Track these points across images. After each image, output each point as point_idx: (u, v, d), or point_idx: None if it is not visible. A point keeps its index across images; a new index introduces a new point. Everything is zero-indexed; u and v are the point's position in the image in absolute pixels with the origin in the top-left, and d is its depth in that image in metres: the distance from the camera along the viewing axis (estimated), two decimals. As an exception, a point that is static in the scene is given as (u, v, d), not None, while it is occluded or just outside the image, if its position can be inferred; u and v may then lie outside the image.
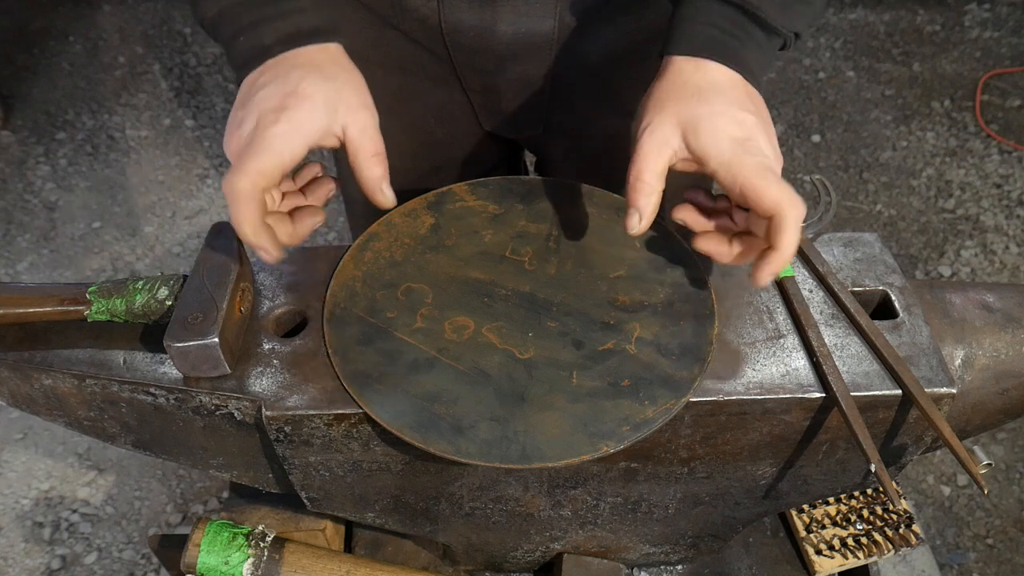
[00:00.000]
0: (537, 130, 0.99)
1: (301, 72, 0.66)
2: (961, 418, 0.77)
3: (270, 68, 0.67)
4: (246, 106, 0.65)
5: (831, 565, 0.90)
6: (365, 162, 0.67)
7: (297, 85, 0.64)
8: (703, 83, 0.67)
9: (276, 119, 0.63)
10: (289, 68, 0.66)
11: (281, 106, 0.64)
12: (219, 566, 0.74)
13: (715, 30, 0.69)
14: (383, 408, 0.65)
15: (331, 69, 0.68)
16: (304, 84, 0.64)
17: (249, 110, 0.64)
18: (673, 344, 0.69)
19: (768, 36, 0.70)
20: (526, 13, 0.84)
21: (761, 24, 0.69)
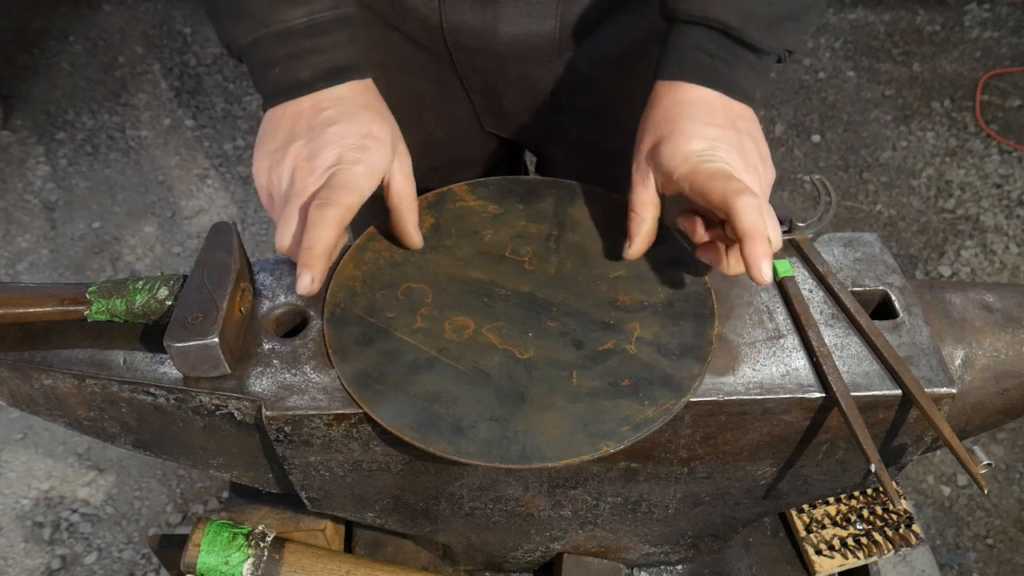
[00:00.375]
0: (538, 131, 0.99)
1: (369, 115, 0.69)
2: (961, 418, 0.77)
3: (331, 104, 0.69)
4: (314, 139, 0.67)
5: (831, 565, 0.90)
6: (408, 207, 0.73)
7: (370, 127, 0.68)
8: (674, 106, 0.70)
9: (358, 159, 0.66)
10: (353, 108, 0.69)
11: (361, 146, 0.67)
12: (219, 566, 0.74)
13: (701, 54, 0.70)
14: (383, 408, 0.65)
15: (384, 111, 0.72)
16: (375, 127, 0.69)
17: (323, 144, 0.67)
18: (673, 344, 0.69)
19: (759, 56, 0.71)
20: (527, 14, 0.84)
21: (748, 47, 0.69)
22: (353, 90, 0.70)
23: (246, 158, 2.45)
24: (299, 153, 0.67)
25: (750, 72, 0.71)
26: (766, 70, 0.72)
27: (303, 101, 0.69)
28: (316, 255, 0.63)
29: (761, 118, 1.37)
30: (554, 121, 0.97)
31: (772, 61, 0.72)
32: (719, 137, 0.68)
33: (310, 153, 0.67)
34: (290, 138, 0.68)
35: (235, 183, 2.38)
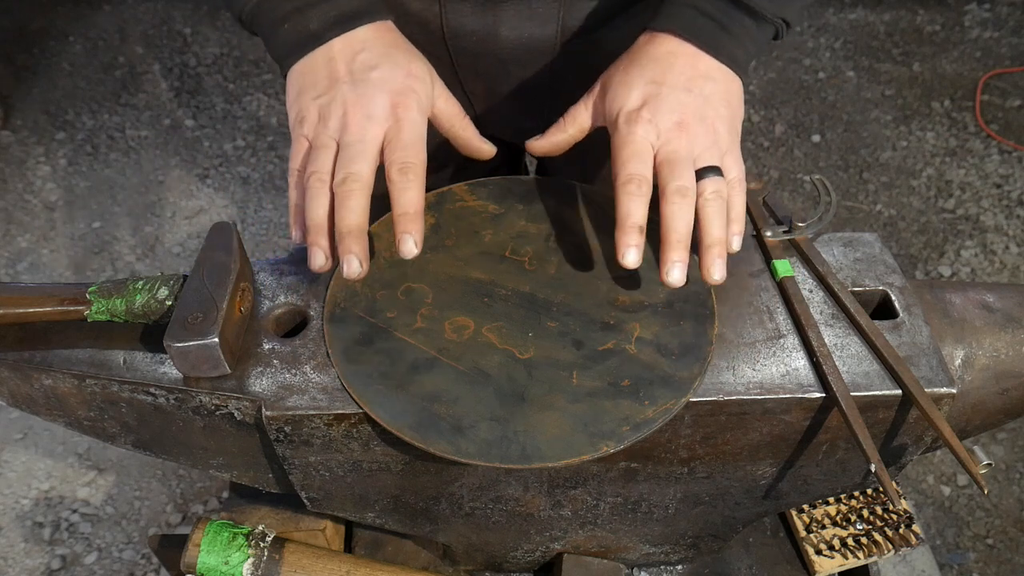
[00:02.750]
0: (539, 134, 0.99)
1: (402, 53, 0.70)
2: (961, 418, 0.77)
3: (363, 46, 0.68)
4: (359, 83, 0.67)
5: (831, 565, 0.90)
6: (461, 124, 0.74)
7: (409, 66, 0.69)
8: (643, 53, 0.71)
9: (408, 104, 0.67)
10: (386, 47, 0.69)
11: (407, 88, 0.68)
12: (219, 566, 0.74)
13: (694, 11, 0.71)
14: (383, 408, 0.65)
15: (411, 47, 0.72)
16: (413, 65, 0.69)
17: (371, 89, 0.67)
18: (673, 344, 0.69)
19: (758, 23, 0.71)
20: (529, 17, 0.84)
21: (746, 9, 0.70)
22: (378, 31, 0.70)
23: (246, 158, 2.45)
24: (348, 98, 0.67)
25: (744, 38, 0.71)
26: (762, 39, 0.72)
27: (332, 46, 0.68)
28: (412, 217, 0.65)
29: (761, 118, 1.39)
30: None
31: (769, 32, 0.72)
32: (654, 95, 0.68)
33: (359, 98, 0.66)
34: (333, 81, 0.67)
35: (235, 183, 2.38)
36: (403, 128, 0.66)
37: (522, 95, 0.93)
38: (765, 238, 0.79)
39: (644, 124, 0.68)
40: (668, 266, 0.65)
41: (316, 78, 0.69)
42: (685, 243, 0.66)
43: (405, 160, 0.65)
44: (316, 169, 0.66)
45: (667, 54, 0.70)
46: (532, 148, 0.77)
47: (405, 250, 0.64)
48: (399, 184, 0.65)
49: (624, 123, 0.69)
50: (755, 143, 2.45)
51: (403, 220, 0.64)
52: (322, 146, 0.66)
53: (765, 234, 0.79)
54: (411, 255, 0.65)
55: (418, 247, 0.65)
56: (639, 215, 0.66)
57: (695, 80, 0.69)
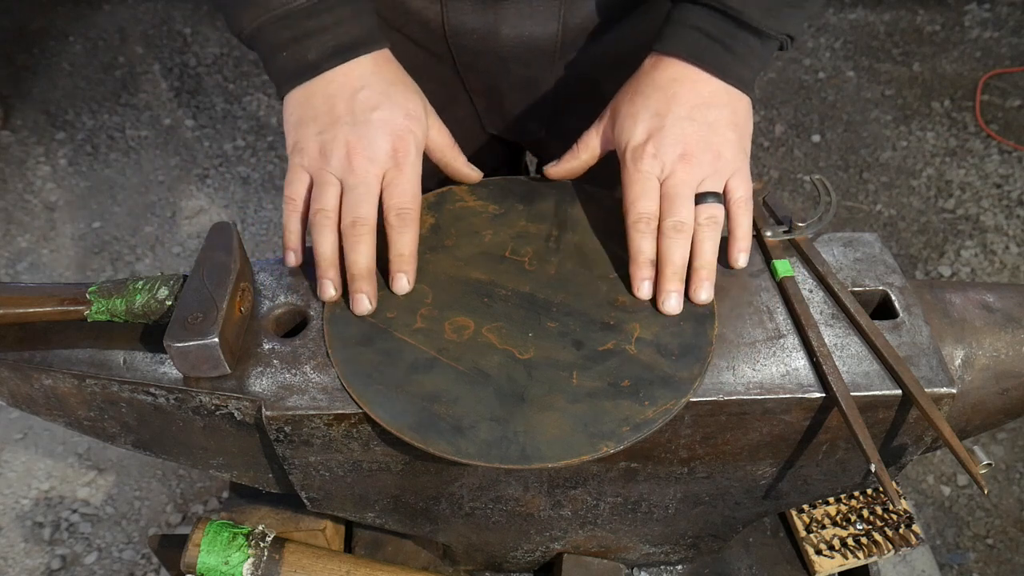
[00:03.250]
0: (540, 133, 0.99)
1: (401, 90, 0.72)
2: (961, 418, 0.77)
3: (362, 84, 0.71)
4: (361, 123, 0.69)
5: (831, 565, 0.90)
6: (451, 155, 0.78)
7: (407, 105, 0.71)
8: (648, 80, 0.73)
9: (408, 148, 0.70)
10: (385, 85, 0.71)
11: (407, 129, 0.70)
12: (219, 566, 0.74)
13: (699, 34, 0.71)
14: (383, 408, 0.65)
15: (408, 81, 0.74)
16: (410, 104, 0.72)
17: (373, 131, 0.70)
18: (673, 344, 0.69)
19: (761, 40, 0.71)
20: (530, 16, 0.84)
21: (749, 29, 0.70)
22: (374, 63, 0.72)
23: (246, 158, 2.45)
24: (350, 139, 0.69)
25: (749, 57, 0.72)
26: (767, 56, 0.73)
27: (331, 80, 0.70)
28: (407, 259, 0.71)
29: (761, 118, 1.39)
30: (556, 123, 0.97)
31: (773, 47, 0.73)
32: (657, 129, 0.71)
33: (360, 140, 0.69)
34: (334, 122, 0.70)
35: (235, 183, 2.38)
36: (402, 172, 0.69)
37: (523, 94, 0.93)
38: (765, 238, 0.79)
39: (649, 160, 0.70)
40: (664, 296, 0.70)
41: (316, 112, 0.71)
42: (680, 275, 0.71)
43: (402, 206, 0.69)
44: (322, 207, 0.70)
45: (671, 81, 0.72)
46: (549, 174, 0.81)
47: (398, 287, 0.71)
48: (397, 228, 0.70)
49: (631, 160, 0.71)
50: (755, 143, 2.45)
51: (399, 261, 0.70)
52: (326, 183, 0.70)
53: (765, 234, 0.79)
54: (403, 292, 0.71)
55: (410, 285, 0.71)
56: (650, 250, 0.71)
57: (698, 109, 0.71)
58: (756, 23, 0.70)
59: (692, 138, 0.70)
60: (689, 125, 0.70)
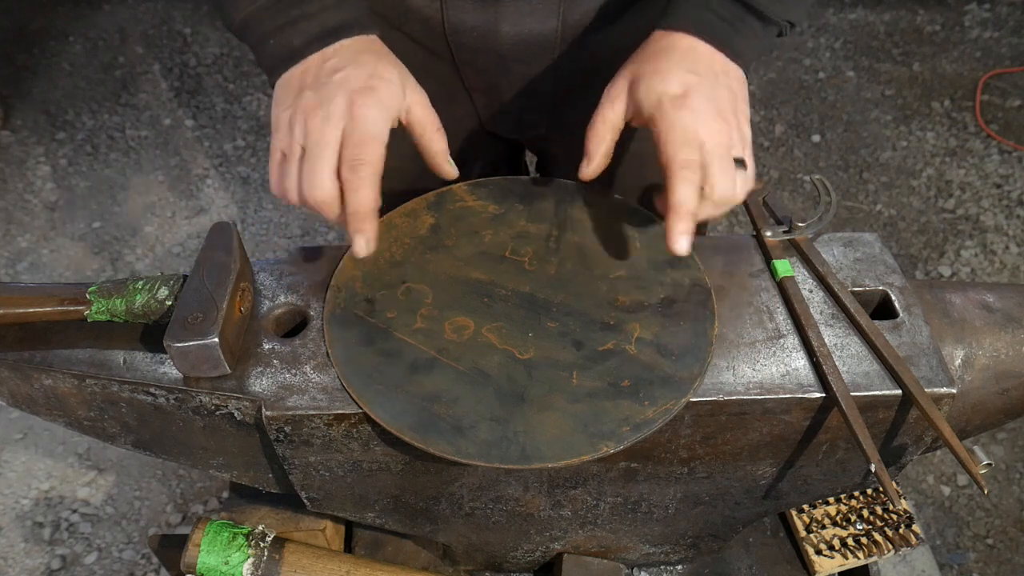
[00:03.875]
0: (539, 131, 0.99)
1: (372, 58, 0.69)
2: (961, 418, 0.77)
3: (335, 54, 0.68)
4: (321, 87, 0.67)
5: (831, 565, 0.90)
6: (432, 136, 0.72)
7: (375, 68, 0.68)
8: (662, 49, 0.71)
9: (367, 102, 0.66)
10: (355, 53, 0.69)
11: (368, 87, 0.66)
12: (219, 566, 0.74)
13: (706, 11, 0.71)
14: (383, 408, 0.65)
15: (389, 56, 0.71)
16: (380, 68, 0.68)
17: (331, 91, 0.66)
18: (673, 344, 0.69)
19: (764, 25, 0.72)
20: (529, 13, 0.84)
21: (755, 12, 0.71)
22: (355, 42, 0.70)
23: (246, 158, 2.45)
24: (308, 103, 0.67)
25: (752, 40, 0.73)
26: (767, 40, 0.74)
27: (308, 60, 0.69)
28: (363, 216, 0.66)
29: (761, 118, 1.38)
30: (555, 121, 0.97)
31: (774, 33, 0.74)
32: (695, 84, 0.69)
33: (319, 101, 0.67)
34: (299, 92, 0.68)
35: (235, 183, 2.38)
36: (358, 123, 0.66)
37: (523, 92, 0.93)
38: (765, 238, 0.79)
39: (689, 111, 0.67)
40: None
41: (289, 90, 0.70)
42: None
43: (356, 157, 0.65)
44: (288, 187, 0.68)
45: (689, 49, 0.71)
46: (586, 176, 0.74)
47: (355, 249, 0.67)
48: (350, 183, 0.65)
49: (671, 108, 0.68)
50: (755, 143, 2.45)
51: (354, 219, 0.66)
52: (292, 156, 0.68)
53: (765, 234, 0.79)
54: (362, 254, 0.67)
55: (370, 246, 0.67)
56: (693, 202, 0.66)
57: (720, 75, 0.71)
58: (762, 7, 0.71)
59: (723, 100, 0.69)
60: (720, 88, 0.69)
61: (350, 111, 0.66)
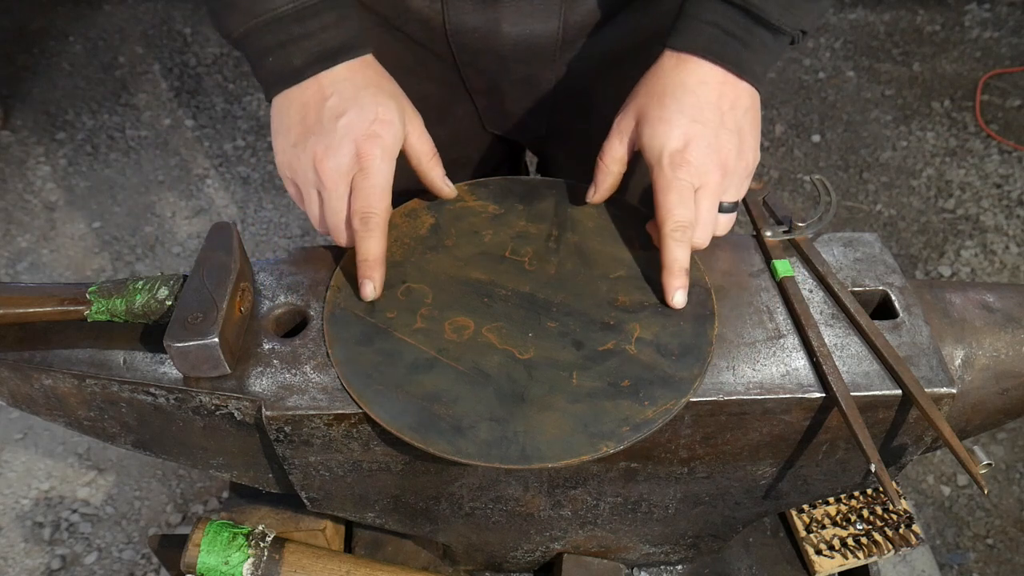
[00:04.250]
0: (540, 131, 0.99)
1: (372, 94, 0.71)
2: (961, 418, 0.77)
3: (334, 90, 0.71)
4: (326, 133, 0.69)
5: (831, 565, 0.90)
6: (428, 164, 0.76)
7: (376, 110, 0.70)
8: (674, 82, 0.72)
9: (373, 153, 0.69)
10: (355, 90, 0.71)
11: (372, 134, 0.70)
12: (219, 566, 0.74)
13: (716, 29, 0.70)
14: (383, 408, 0.65)
15: (385, 84, 0.73)
16: (380, 108, 0.71)
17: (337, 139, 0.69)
18: (673, 344, 0.69)
19: (775, 36, 0.72)
20: (530, 14, 0.84)
21: (765, 24, 0.70)
22: (351, 70, 0.72)
23: (246, 158, 2.45)
24: (316, 150, 0.70)
25: (763, 52, 0.72)
26: (779, 50, 0.73)
27: (306, 88, 0.71)
28: (372, 264, 0.71)
29: (761, 118, 1.37)
30: (556, 121, 0.97)
31: (786, 42, 0.73)
32: (697, 136, 0.70)
33: (326, 149, 0.69)
34: (304, 133, 0.71)
35: (235, 183, 2.38)
36: (367, 177, 0.69)
37: (524, 92, 0.93)
38: (765, 238, 0.79)
39: (687, 167, 0.70)
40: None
41: (290, 123, 0.72)
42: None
43: (366, 210, 0.69)
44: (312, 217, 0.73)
45: (699, 84, 0.71)
46: (593, 202, 0.79)
47: (364, 293, 0.71)
48: (360, 233, 0.70)
49: (669, 166, 0.70)
50: (755, 143, 2.45)
51: (364, 266, 0.71)
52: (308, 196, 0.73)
53: (765, 234, 0.79)
54: (370, 298, 0.71)
55: (377, 291, 0.71)
56: (685, 260, 0.71)
57: (729, 115, 0.71)
58: (774, 19, 0.70)
59: (727, 147, 0.71)
60: (724, 134, 0.70)
61: (358, 162, 0.69)
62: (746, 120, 0.72)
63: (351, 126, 0.69)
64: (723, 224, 0.75)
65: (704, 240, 0.73)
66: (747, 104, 0.72)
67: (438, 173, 0.78)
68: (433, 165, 0.77)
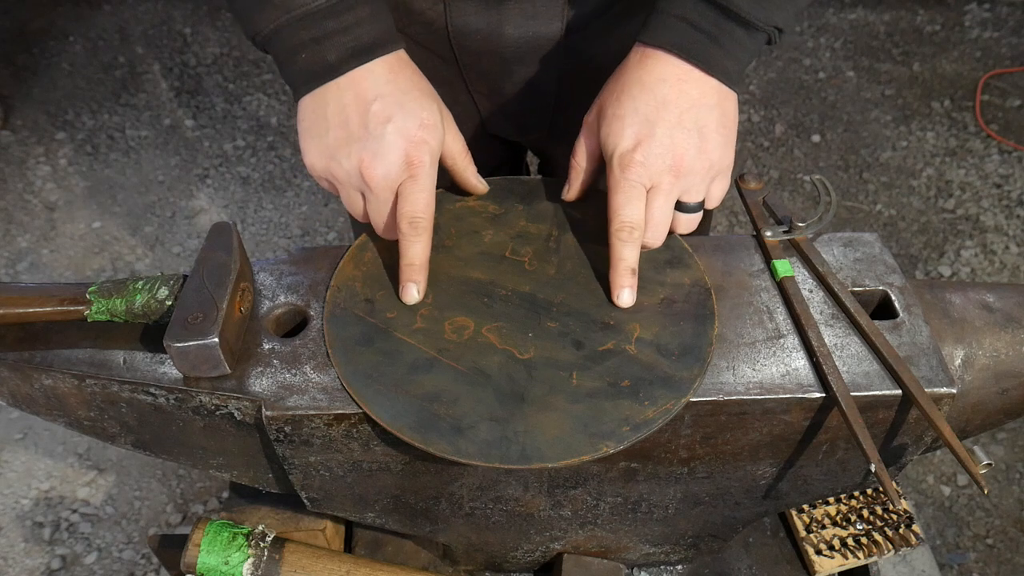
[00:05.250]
0: (542, 132, 0.99)
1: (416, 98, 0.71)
2: (961, 418, 0.77)
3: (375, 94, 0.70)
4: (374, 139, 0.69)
5: (831, 565, 0.90)
6: (463, 163, 0.77)
7: (421, 115, 0.70)
8: (633, 79, 0.72)
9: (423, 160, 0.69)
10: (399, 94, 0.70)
11: (421, 140, 0.69)
12: (219, 566, 0.74)
13: (684, 24, 0.70)
14: (383, 408, 0.65)
15: (423, 85, 0.73)
16: (425, 113, 0.70)
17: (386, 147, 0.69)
18: (673, 344, 0.69)
19: (748, 32, 0.70)
20: (533, 15, 0.83)
21: (736, 20, 0.69)
22: (389, 69, 0.71)
23: (246, 158, 2.45)
24: (363, 156, 0.69)
25: (735, 48, 0.70)
26: (754, 48, 0.71)
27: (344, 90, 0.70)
28: (418, 268, 0.71)
29: (761, 118, 1.39)
30: (558, 123, 0.97)
31: (762, 40, 0.71)
32: (647, 137, 0.70)
33: (374, 156, 0.69)
34: (347, 139, 0.70)
35: (235, 183, 2.38)
36: (417, 182, 0.69)
37: (526, 94, 0.93)
38: (765, 238, 0.79)
39: (637, 168, 0.70)
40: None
41: (328, 124, 0.70)
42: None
43: (415, 215, 0.70)
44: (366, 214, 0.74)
45: (658, 81, 0.70)
46: (569, 199, 0.80)
47: (407, 297, 0.72)
48: (408, 237, 0.70)
49: (618, 166, 0.70)
50: (755, 143, 2.45)
51: (409, 270, 0.71)
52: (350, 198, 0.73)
53: (765, 234, 0.79)
54: (413, 302, 0.72)
55: (421, 295, 0.72)
56: (632, 259, 0.71)
57: (688, 113, 0.70)
58: (744, 13, 0.68)
59: (682, 146, 0.69)
60: (679, 133, 0.69)
61: (408, 170, 0.69)
62: (710, 118, 0.70)
63: (399, 132, 0.69)
64: (684, 223, 0.75)
65: (656, 240, 0.73)
66: (712, 102, 0.71)
67: (472, 170, 0.79)
68: (468, 163, 0.78)
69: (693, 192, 0.73)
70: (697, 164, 0.70)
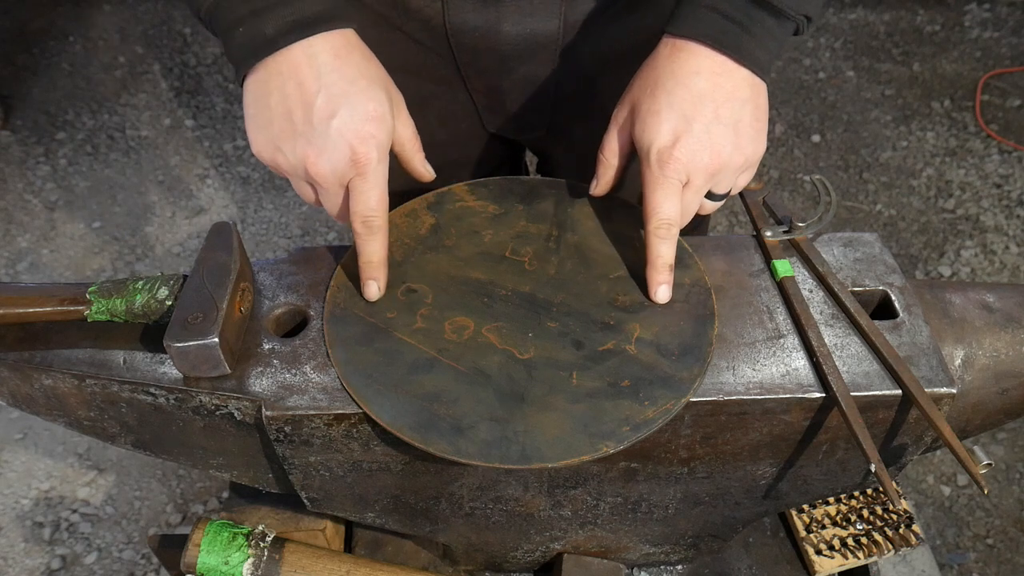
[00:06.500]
0: (540, 131, 0.99)
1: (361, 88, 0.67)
2: (961, 418, 0.77)
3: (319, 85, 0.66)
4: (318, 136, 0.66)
5: (831, 565, 0.90)
6: (410, 149, 0.75)
7: (366, 106, 0.67)
8: (666, 73, 0.70)
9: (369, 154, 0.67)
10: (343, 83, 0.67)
11: (367, 135, 0.67)
12: (219, 566, 0.74)
13: (715, 14, 0.69)
14: (383, 408, 0.65)
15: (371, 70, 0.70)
16: (371, 103, 0.67)
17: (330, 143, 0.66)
18: (673, 344, 0.69)
19: (779, 21, 0.69)
20: (531, 13, 0.83)
21: (768, 8, 0.68)
22: (335, 54, 0.67)
23: (246, 158, 2.45)
24: (307, 152, 0.67)
25: (766, 38, 0.69)
26: (783, 37, 0.71)
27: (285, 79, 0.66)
28: (376, 265, 0.71)
29: (769, 108, 1.35)
30: (556, 121, 0.97)
31: (790, 29, 0.71)
32: (687, 131, 0.68)
33: (319, 152, 0.66)
34: (291, 133, 0.67)
35: (235, 183, 2.38)
36: (365, 179, 0.68)
37: (524, 91, 0.93)
38: (765, 238, 0.79)
39: (675, 164, 0.68)
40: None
41: (271, 114, 0.67)
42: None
43: (367, 214, 0.69)
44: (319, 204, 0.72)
45: (692, 75, 0.69)
46: (595, 195, 0.79)
47: (369, 294, 0.72)
48: (363, 236, 0.70)
49: (657, 162, 0.69)
50: (755, 143, 2.44)
51: (368, 268, 0.71)
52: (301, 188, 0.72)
53: (765, 234, 0.79)
54: (374, 299, 0.72)
55: (381, 291, 0.72)
56: (670, 255, 0.71)
57: (724, 107, 0.69)
58: (775, 1, 0.68)
59: (719, 142, 0.69)
60: (717, 128, 0.68)
61: (355, 167, 0.67)
62: (745, 111, 0.70)
63: (345, 127, 0.66)
64: (706, 208, 0.75)
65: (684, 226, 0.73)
66: (746, 95, 0.70)
67: (420, 158, 0.76)
68: (416, 150, 0.75)
69: (723, 184, 0.72)
70: (733, 159, 0.70)
